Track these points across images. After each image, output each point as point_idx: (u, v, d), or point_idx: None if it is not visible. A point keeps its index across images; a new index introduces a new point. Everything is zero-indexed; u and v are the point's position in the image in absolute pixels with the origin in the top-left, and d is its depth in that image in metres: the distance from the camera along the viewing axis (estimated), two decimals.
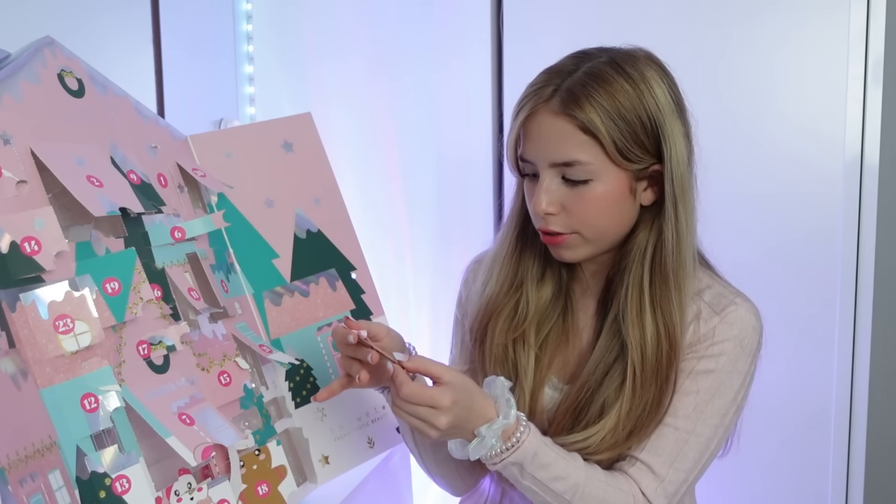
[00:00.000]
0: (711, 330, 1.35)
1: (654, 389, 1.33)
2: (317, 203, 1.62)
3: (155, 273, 1.29)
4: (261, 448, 1.39)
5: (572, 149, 1.28)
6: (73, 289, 1.15)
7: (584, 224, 1.32)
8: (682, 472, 1.33)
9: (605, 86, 1.28)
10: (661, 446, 1.33)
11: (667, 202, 1.33)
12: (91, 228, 1.22)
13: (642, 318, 1.34)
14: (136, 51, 2.01)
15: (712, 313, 1.36)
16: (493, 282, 1.48)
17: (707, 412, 1.33)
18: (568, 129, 1.28)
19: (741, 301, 1.37)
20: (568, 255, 1.36)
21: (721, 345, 1.34)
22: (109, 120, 1.33)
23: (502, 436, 1.25)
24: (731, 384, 1.34)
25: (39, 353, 1.10)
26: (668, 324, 1.33)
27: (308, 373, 1.52)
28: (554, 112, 1.29)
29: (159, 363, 1.25)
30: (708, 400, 1.33)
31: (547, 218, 1.32)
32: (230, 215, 1.49)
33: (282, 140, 1.61)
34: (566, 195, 1.31)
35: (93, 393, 1.14)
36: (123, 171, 1.30)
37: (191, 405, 1.24)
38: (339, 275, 1.62)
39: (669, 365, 1.33)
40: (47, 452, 1.11)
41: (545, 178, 1.31)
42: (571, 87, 1.28)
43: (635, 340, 1.34)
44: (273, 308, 1.51)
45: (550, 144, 1.29)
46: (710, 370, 1.34)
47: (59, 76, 1.27)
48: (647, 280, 1.35)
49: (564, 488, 1.28)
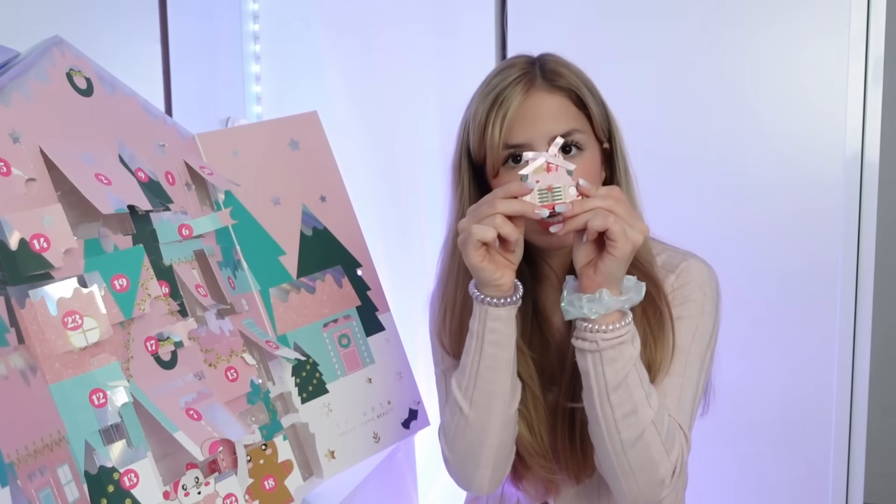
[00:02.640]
0: (670, 285, 1.38)
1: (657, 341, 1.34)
2: (323, 201, 1.62)
3: (163, 270, 1.29)
4: (267, 443, 1.38)
5: (570, 119, 1.32)
6: (82, 285, 1.15)
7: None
8: (688, 415, 1.34)
9: (570, 68, 1.35)
10: (664, 393, 1.33)
11: (619, 175, 1.39)
12: (99, 226, 1.22)
13: None
14: (144, 50, 2.01)
15: (667, 273, 1.39)
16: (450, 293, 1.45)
17: (691, 355, 1.35)
18: (563, 103, 1.33)
19: (692, 257, 1.41)
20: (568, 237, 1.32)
21: (684, 291, 1.37)
22: (117, 118, 1.33)
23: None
24: (704, 328, 1.37)
25: (48, 349, 1.10)
26: (648, 272, 1.35)
27: (314, 368, 1.52)
28: (546, 90, 1.33)
29: (167, 359, 1.25)
30: (688, 344, 1.35)
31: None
32: (237, 213, 1.49)
33: (288, 138, 1.61)
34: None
35: (101, 388, 1.14)
36: (131, 169, 1.30)
37: (198, 400, 1.24)
38: (344, 271, 1.62)
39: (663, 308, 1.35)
40: (56, 447, 1.11)
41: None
42: (551, 68, 1.34)
43: None
44: (280, 304, 1.51)
45: (551, 118, 1.31)
46: (681, 316, 1.36)
47: (68, 75, 1.27)
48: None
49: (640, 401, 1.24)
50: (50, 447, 1.11)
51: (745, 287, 2.25)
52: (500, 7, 2.43)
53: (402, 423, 1.62)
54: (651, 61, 2.29)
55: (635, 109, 1.75)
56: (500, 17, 2.43)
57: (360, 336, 1.61)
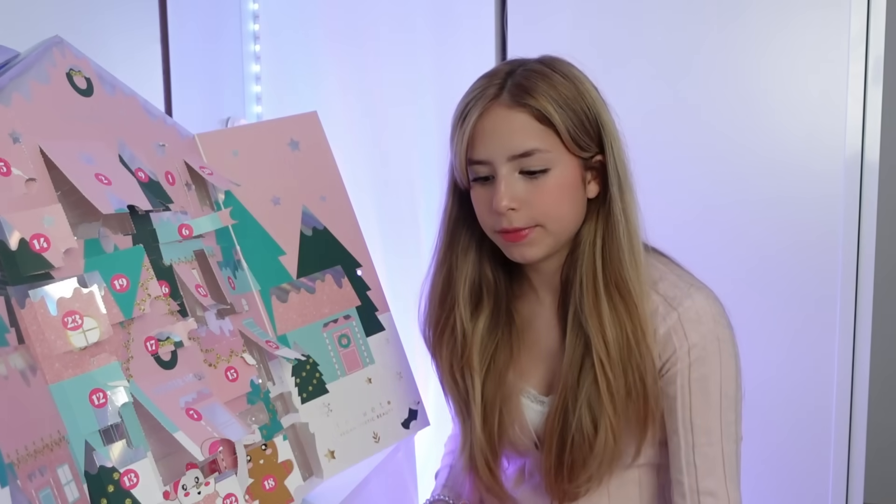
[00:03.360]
0: (678, 333, 1.33)
1: (632, 373, 1.33)
2: (323, 201, 1.62)
3: (163, 270, 1.29)
4: (267, 443, 1.38)
5: (530, 138, 1.29)
6: (82, 285, 1.15)
7: (546, 215, 1.32)
8: (736, 480, 1.35)
9: (546, 80, 1.31)
10: (709, 467, 1.33)
11: (612, 188, 1.34)
12: (99, 226, 1.22)
13: (598, 306, 1.34)
14: (144, 50, 2.02)
15: (669, 308, 1.34)
16: (428, 300, 1.51)
17: (725, 412, 1.33)
18: (524, 120, 1.29)
19: (695, 292, 1.35)
20: (530, 253, 1.35)
21: (699, 349, 1.33)
22: (118, 119, 1.33)
23: None
24: (729, 377, 1.34)
25: (48, 349, 1.10)
26: (629, 305, 1.33)
27: (314, 368, 1.52)
28: (507, 105, 1.30)
29: (167, 359, 1.25)
30: (718, 401, 1.33)
31: (509, 214, 1.31)
32: (237, 213, 1.49)
33: (288, 138, 1.61)
34: (526, 188, 1.31)
35: (101, 388, 1.14)
36: (131, 169, 1.30)
37: (198, 400, 1.24)
38: (344, 272, 1.62)
39: (640, 347, 1.33)
40: (56, 447, 1.11)
41: (503, 173, 1.31)
42: (518, 82, 1.31)
43: (595, 329, 1.33)
44: (279, 304, 1.51)
45: (508, 137, 1.30)
46: (705, 375, 1.33)
47: (68, 75, 1.27)
48: (601, 267, 1.35)
49: None
50: (50, 447, 1.11)
51: (744, 288, 2.25)
52: (500, 5, 2.43)
53: (402, 424, 1.62)
54: (649, 60, 2.29)
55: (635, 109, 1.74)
56: (500, 15, 2.43)
57: (360, 336, 1.61)
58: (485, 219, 1.36)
